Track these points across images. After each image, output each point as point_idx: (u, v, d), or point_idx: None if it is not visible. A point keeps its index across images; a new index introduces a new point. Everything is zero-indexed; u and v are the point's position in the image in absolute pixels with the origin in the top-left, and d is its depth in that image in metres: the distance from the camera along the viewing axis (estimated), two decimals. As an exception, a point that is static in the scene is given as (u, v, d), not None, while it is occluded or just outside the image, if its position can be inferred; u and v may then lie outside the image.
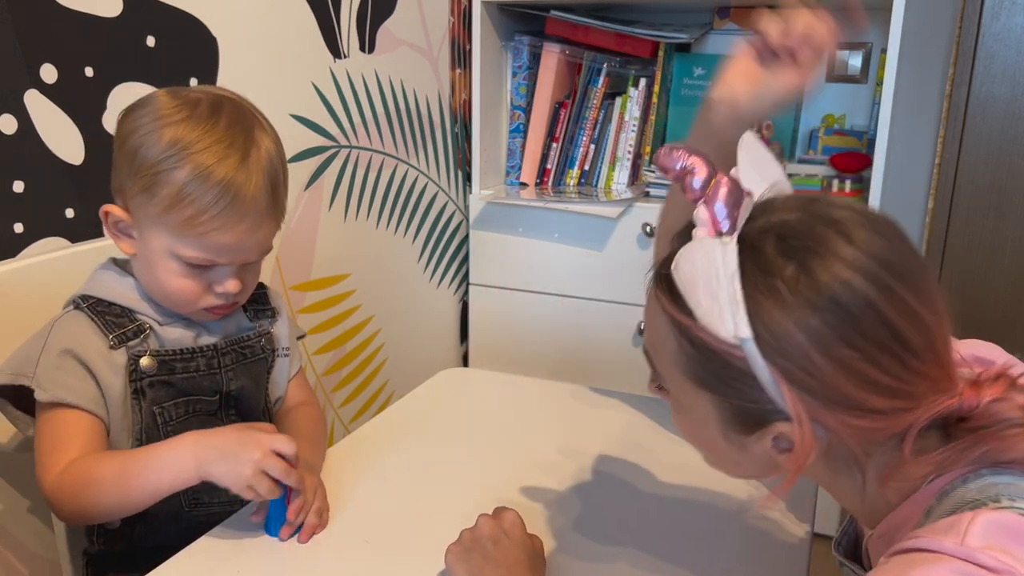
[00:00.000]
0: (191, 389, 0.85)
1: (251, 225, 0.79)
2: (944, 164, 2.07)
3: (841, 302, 0.53)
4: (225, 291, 0.82)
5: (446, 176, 1.92)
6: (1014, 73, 1.99)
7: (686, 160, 0.57)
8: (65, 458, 0.77)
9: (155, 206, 0.77)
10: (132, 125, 0.79)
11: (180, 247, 0.78)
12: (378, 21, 1.62)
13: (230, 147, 0.77)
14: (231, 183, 0.76)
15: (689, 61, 1.95)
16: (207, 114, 0.78)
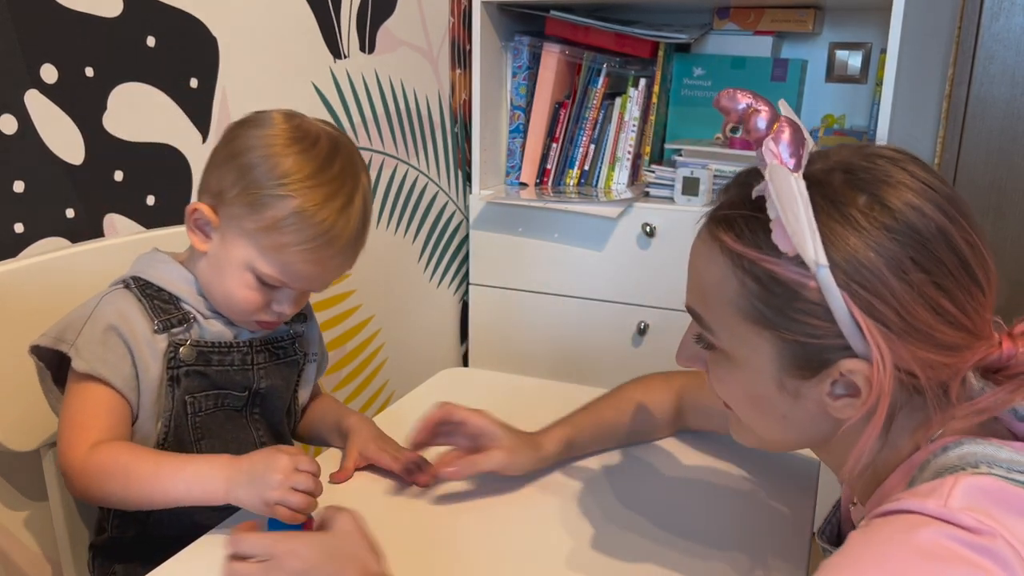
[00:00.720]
0: (223, 383, 0.87)
1: (336, 265, 0.84)
2: (944, 164, 2.07)
3: (915, 227, 0.55)
4: (282, 311, 0.85)
5: (446, 176, 1.93)
6: (1013, 73, 1.99)
7: (752, 101, 0.58)
8: (92, 436, 0.78)
9: (253, 223, 0.80)
10: (248, 142, 0.81)
11: (261, 264, 0.81)
12: (378, 21, 1.62)
13: (338, 191, 0.81)
14: (332, 226, 0.80)
15: (689, 61, 1.95)
16: (326, 153, 0.81)
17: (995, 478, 0.52)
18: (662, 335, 1.82)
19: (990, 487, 0.52)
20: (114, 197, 1.10)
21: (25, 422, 0.91)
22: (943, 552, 0.49)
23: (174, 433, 0.84)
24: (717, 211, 0.62)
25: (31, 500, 1.01)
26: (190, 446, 0.85)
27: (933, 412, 0.57)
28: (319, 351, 1.00)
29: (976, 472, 0.53)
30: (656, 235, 1.77)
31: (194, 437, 0.86)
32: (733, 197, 0.61)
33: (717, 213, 0.62)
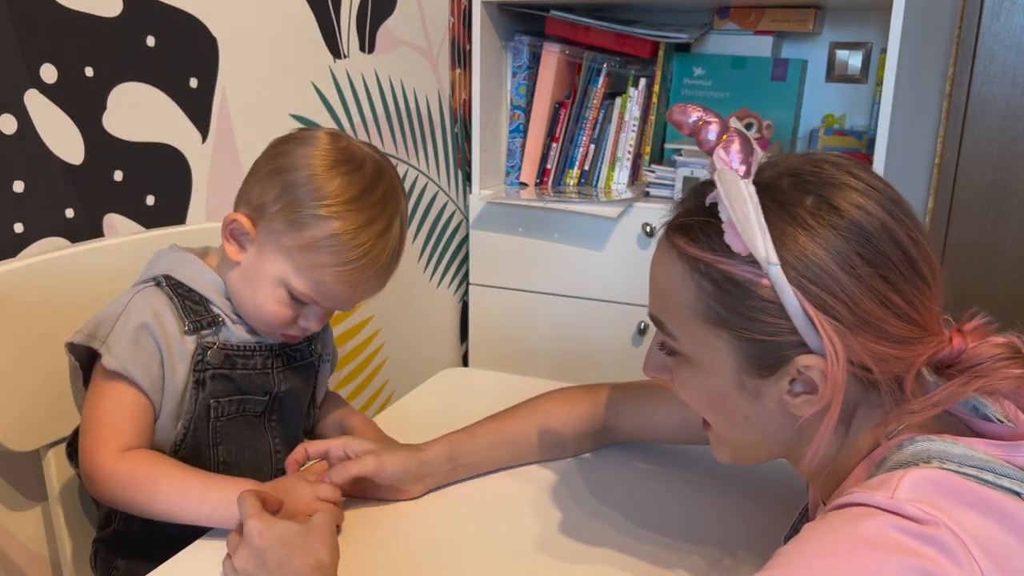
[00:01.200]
0: (247, 387, 0.87)
1: (368, 287, 0.84)
2: (944, 164, 2.07)
3: (860, 225, 0.58)
4: (308, 326, 0.86)
5: (446, 176, 1.93)
6: (1014, 73, 1.99)
7: (701, 114, 0.62)
8: (121, 441, 0.78)
9: (291, 240, 0.81)
10: (294, 160, 0.82)
11: (295, 281, 0.82)
12: (378, 21, 1.62)
13: (379, 216, 0.82)
14: (369, 250, 0.81)
15: (689, 61, 1.95)
16: (371, 177, 0.82)
17: (945, 471, 0.54)
18: (662, 335, 1.81)
19: (938, 479, 0.54)
20: (114, 197, 1.10)
21: (25, 422, 0.91)
22: (886, 541, 0.51)
23: (192, 436, 0.84)
24: (674, 220, 0.66)
25: (31, 500, 1.01)
26: (207, 450, 0.85)
27: (889, 406, 0.59)
28: (331, 350, 1.00)
29: (927, 467, 0.55)
30: (656, 235, 1.77)
31: (212, 441, 0.86)
32: (689, 206, 0.65)
33: (674, 221, 0.66)
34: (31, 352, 0.91)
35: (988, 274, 2.09)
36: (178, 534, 0.79)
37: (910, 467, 0.55)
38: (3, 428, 0.89)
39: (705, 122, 0.62)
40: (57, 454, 0.94)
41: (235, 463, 0.87)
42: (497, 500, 0.87)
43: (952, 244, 2.10)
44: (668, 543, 0.79)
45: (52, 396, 0.90)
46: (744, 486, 0.90)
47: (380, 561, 0.76)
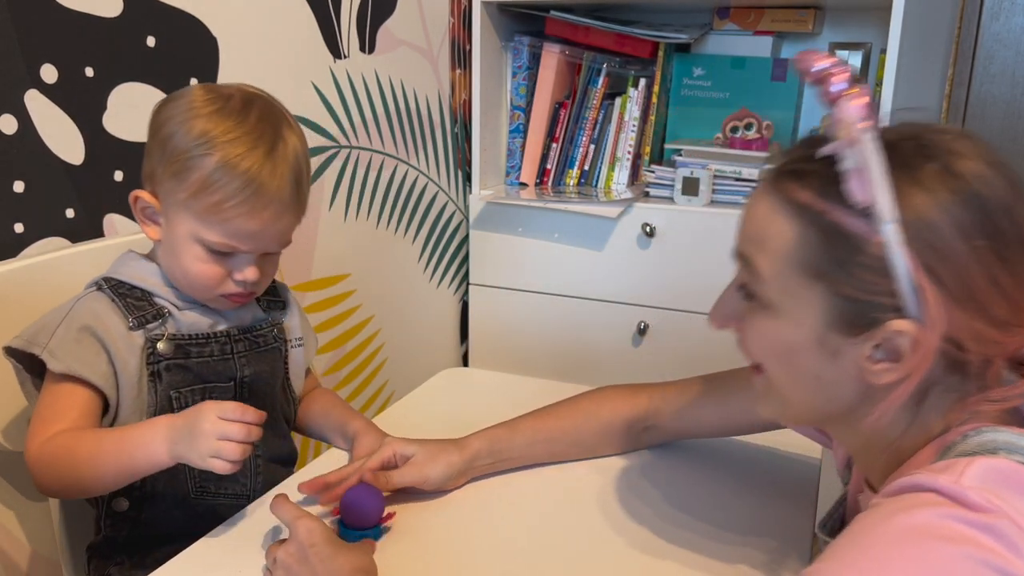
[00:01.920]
0: (207, 375, 0.87)
1: (273, 215, 0.82)
2: (944, 164, 2.07)
3: (982, 195, 0.56)
4: (244, 279, 0.84)
5: (446, 176, 1.93)
6: (1013, 73, 1.99)
7: (828, 64, 0.59)
8: (54, 429, 0.78)
9: (183, 191, 0.80)
10: (166, 115, 0.82)
11: (204, 232, 0.81)
12: (378, 21, 1.62)
13: (259, 139, 0.80)
14: (257, 174, 0.79)
15: (689, 61, 1.95)
16: (239, 108, 0.81)
17: (1012, 462, 0.53)
18: (662, 335, 1.82)
19: (1006, 469, 0.52)
20: (114, 197, 1.10)
21: (25, 422, 0.90)
22: (946, 530, 0.49)
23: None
24: (782, 166, 0.62)
25: (31, 500, 1.01)
26: None
27: (969, 391, 0.58)
28: (305, 335, 0.99)
29: (994, 456, 0.53)
30: (656, 235, 1.77)
31: None
32: (799, 155, 0.62)
33: (783, 167, 0.62)
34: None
35: (988, 274, 2.09)
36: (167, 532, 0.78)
37: (977, 456, 0.53)
38: (3, 428, 0.89)
39: (832, 72, 0.58)
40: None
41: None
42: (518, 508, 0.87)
43: (952, 244, 2.10)
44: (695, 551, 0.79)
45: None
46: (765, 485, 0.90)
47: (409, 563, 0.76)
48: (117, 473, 0.76)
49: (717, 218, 1.73)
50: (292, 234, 0.87)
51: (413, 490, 0.86)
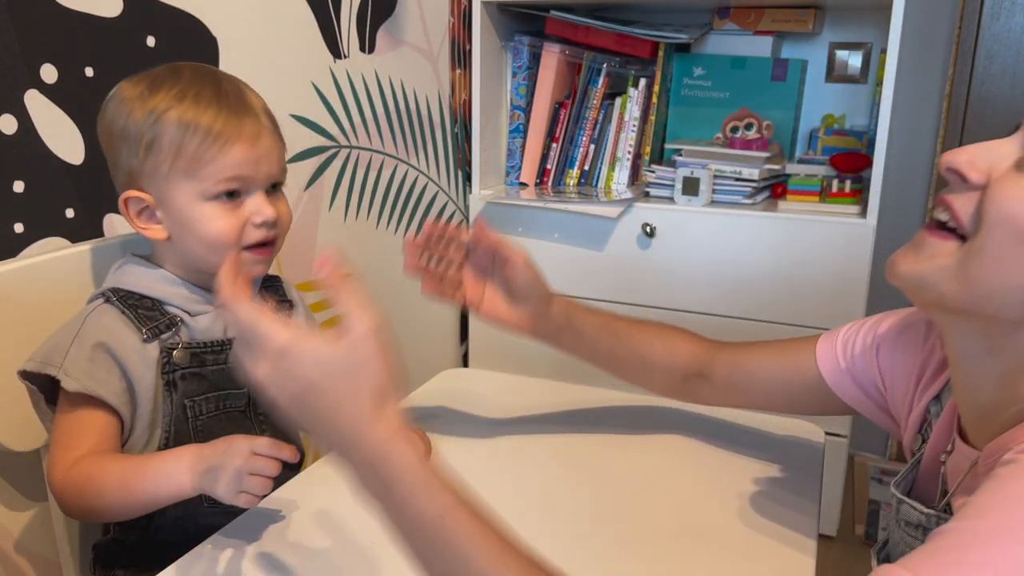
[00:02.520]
0: (222, 383, 0.86)
1: (251, 134, 0.82)
2: (944, 164, 2.07)
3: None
4: (263, 216, 0.83)
5: (446, 176, 1.93)
6: (1013, 73, 1.99)
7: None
8: (75, 455, 0.77)
9: (164, 163, 0.80)
10: (108, 118, 0.83)
11: (202, 184, 0.81)
12: (378, 21, 1.62)
13: (201, 85, 0.82)
14: (218, 105, 0.81)
15: (689, 61, 1.95)
16: (168, 74, 0.83)
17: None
18: (662, 335, 1.82)
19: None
20: (114, 197, 1.09)
21: (25, 422, 0.90)
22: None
23: (175, 439, 0.84)
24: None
25: (31, 500, 1.01)
26: None
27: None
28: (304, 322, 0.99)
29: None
30: (656, 235, 1.77)
31: (195, 441, 0.85)
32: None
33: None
34: (31, 352, 0.91)
35: (988, 274, 2.09)
36: (177, 539, 0.78)
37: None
38: (3, 428, 0.89)
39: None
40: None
41: None
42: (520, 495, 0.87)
43: (952, 244, 2.10)
44: (698, 539, 0.79)
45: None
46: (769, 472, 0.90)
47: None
48: (144, 503, 0.76)
49: (717, 218, 1.73)
50: (283, 160, 0.87)
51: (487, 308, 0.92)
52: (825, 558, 1.85)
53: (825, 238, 1.66)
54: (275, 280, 0.97)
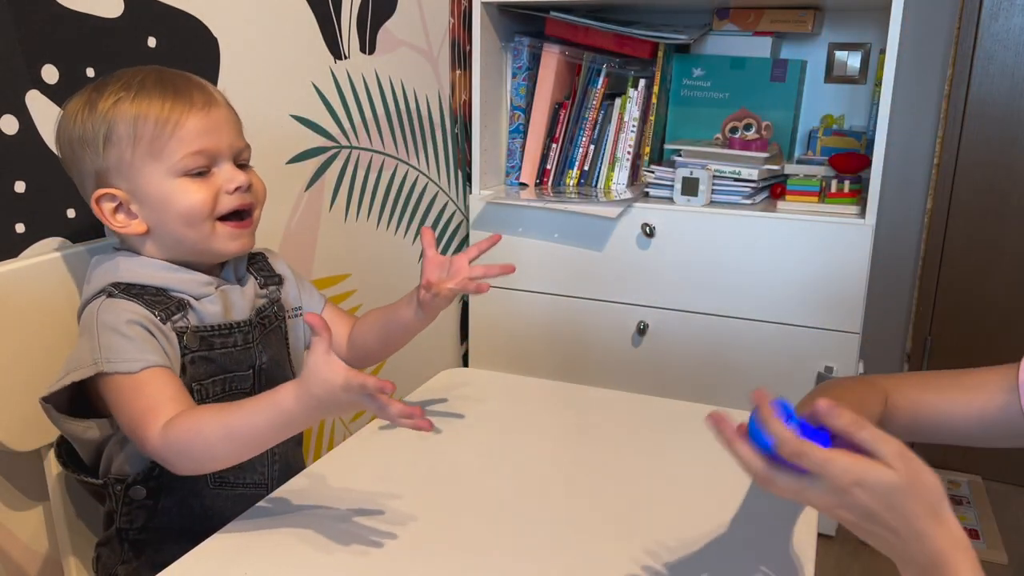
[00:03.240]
0: (229, 365, 0.87)
1: (203, 103, 0.84)
2: (943, 164, 2.08)
3: None
4: (236, 184, 0.85)
5: (446, 176, 1.93)
6: (1012, 74, 1.99)
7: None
8: (164, 411, 0.76)
9: (126, 149, 0.82)
10: (65, 129, 0.85)
11: (170, 161, 0.82)
12: (378, 22, 1.62)
13: (143, 77, 0.84)
14: (164, 85, 0.83)
15: (688, 62, 1.95)
16: (111, 77, 0.85)
17: None
18: (662, 335, 1.82)
19: None
20: (115, 197, 1.10)
21: (26, 422, 0.91)
22: None
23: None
24: None
25: (32, 500, 1.01)
26: None
27: None
28: (304, 299, 0.99)
29: None
30: (656, 235, 1.77)
31: None
32: None
33: None
34: (32, 352, 0.91)
35: (986, 273, 2.10)
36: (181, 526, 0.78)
37: None
38: (4, 428, 0.89)
39: None
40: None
41: None
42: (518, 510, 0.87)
43: (951, 244, 2.11)
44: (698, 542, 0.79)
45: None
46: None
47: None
48: (253, 441, 0.75)
49: (717, 218, 1.73)
50: (241, 133, 0.88)
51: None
52: (825, 558, 1.86)
53: (824, 238, 1.66)
54: (259, 256, 0.97)
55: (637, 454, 0.97)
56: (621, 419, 1.06)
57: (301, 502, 0.83)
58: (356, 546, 0.77)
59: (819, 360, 1.72)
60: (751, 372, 1.76)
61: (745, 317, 1.75)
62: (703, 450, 0.98)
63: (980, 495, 2.07)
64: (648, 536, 0.80)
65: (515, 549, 0.78)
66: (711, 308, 1.76)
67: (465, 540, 0.79)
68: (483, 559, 0.76)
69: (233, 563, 0.74)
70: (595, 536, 0.80)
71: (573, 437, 1.01)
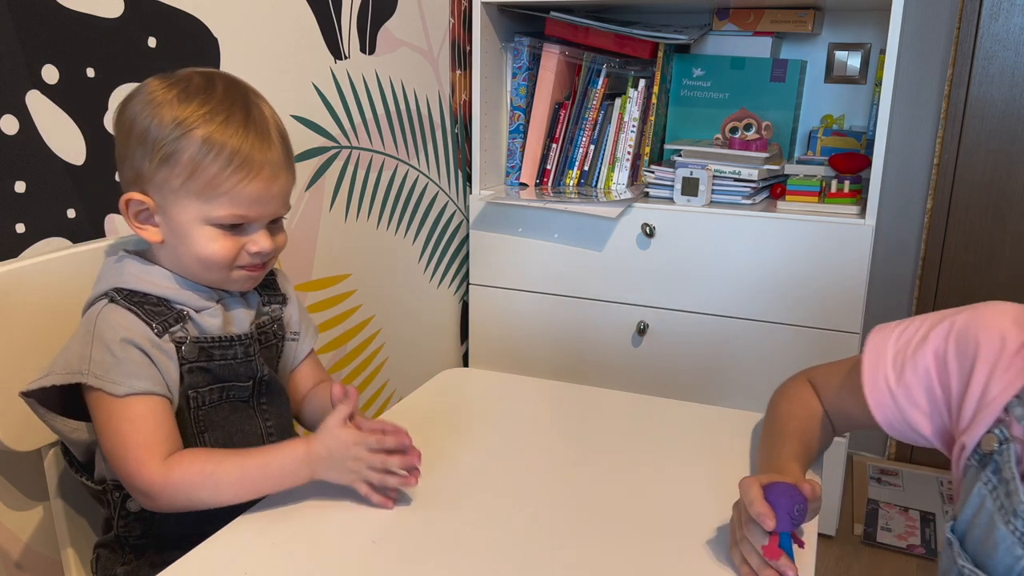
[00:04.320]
0: (227, 375, 0.87)
1: (270, 174, 0.82)
2: (943, 164, 2.08)
3: None
4: (259, 250, 0.84)
5: (446, 176, 1.93)
6: (1012, 74, 1.99)
7: None
8: (159, 451, 0.78)
9: (177, 177, 0.80)
10: (131, 113, 0.82)
11: (210, 210, 0.81)
12: (379, 22, 1.62)
13: (232, 107, 0.81)
14: (243, 138, 0.80)
15: (688, 62, 1.95)
16: (201, 85, 0.82)
17: None
18: (662, 335, 1.82)
19: None
20: (115, 197, 1.09)
21: (26, 422, 0.91)
22: None
23: (178, 426, 0.84)
24: None
25: (32, 500, 1.01)
26: (192, 439, 0.85)
27: None
28: (302, 327, 0.99)
29: None
30: (656, 235, 1.77)
31: (196, 430, 0.86)
32: None
33: None
34: (32, 352, 0.91)
35: (986, 273, 2.10)
36: (181, 533, 0.79)
37: None
38: (4, 428, 0.89)
39: None
40: (58, 454, 0.94)
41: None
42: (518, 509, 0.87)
43: (951, 244, 2.11)
44: (701, 539, 0.79)
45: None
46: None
47: (381, 560, 0.76)
48: (257, 495, 0.81)
49: (716, 218, 1.73)
50: (291, 195, 0.87)
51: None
52: (824, 558, 1.86)
53: (824, 238, 1.66)
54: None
55: (637, 454, 0.97)
56: (621, 419, 1.06)
57: (301, 502, 0.83)
58: (356, 546, 0.77)
59: (819, 360, 1.71)
60: (751, 372, 1.76)
61: (745, 317, 1.75)
62: (703, 450, 0.98)
63: (980, 495, 2.07)
64: (648, 536, 0.80)
65: (515, 549, 0.78)
66: (711, 308, 1.76)
67: (465, 540, 0.79)
68: (483, 559, 0.76)
69: (233, 563, 0.74)
70: (595, 536, 0.80)
71: (573, 437, 1.01)
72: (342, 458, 0.80)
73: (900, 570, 1.80)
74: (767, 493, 0.74)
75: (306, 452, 0.80)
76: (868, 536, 1.90)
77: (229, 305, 0.89)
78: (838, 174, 1.76)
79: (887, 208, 2.09)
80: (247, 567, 0.74)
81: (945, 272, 2.12)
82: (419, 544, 0.78)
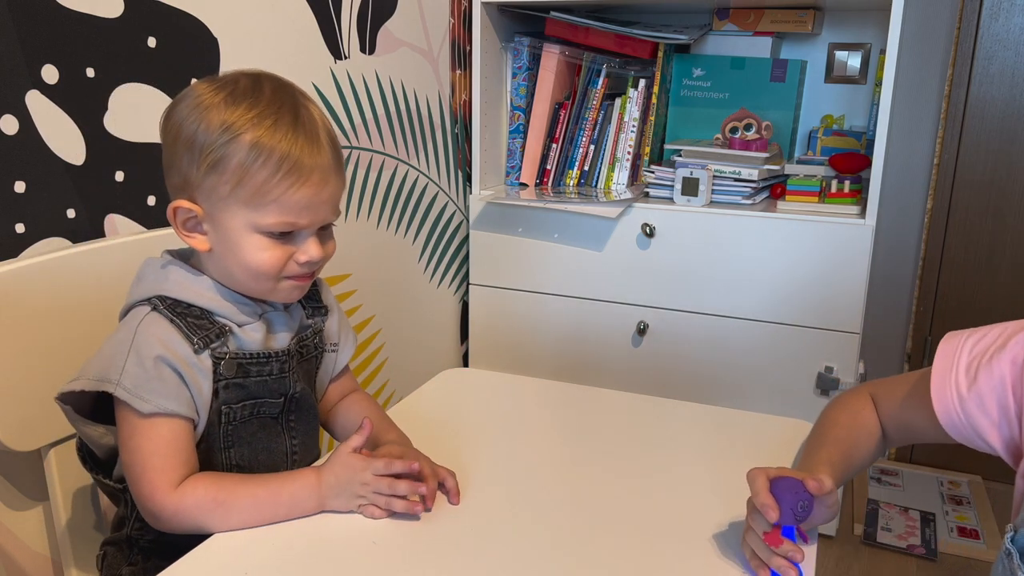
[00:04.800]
0: (260, 392, 0.85)
1: (320, 179, 0.80)
2: (943, 164, 2.08)
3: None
4: (309, 258, 0.82)
5: (446, 176, 1.93)
6: (1012, 74, 1.99)
7: None
8: (174, 475, 0.78)
9: (225, 184, 0.78)
10: (179, 118, 0.80)
11: (259, 217, 0.79)
12: (378, 22, 1.62)
13: (280, 110, 0.79)
14: (293, 142, 0.78)
15: (688, 62, 1.95)
16: (249, 87, 0.80)
17: None
18: (662, 335, 1.82)
19: None
20: (115, 197, 1.10)
21: (26, 422, 0.91)
22: None
23: (204, 440, 0.83)
24: None
25: (32, 500, 1.01)
26: (218, 453, 0.84)
27: None
28: (342, 338, 0.97)
29: None
30: (656, 235, 1.77)
31: (223, 445, 0.84)
32: None
33: None
34: (32, 352, 0.91)
35: (986, 273, 2.10)
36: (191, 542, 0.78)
37: None
38: (4, 428, 0.89)
39: None
40: (58, 454, 0.94)
41: (248, 466, 0.86)
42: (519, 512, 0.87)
43: (951, 244, 2.11)
44: (702, 542, 0.79)
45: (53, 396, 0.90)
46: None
47: (381, 560, 0.76)
48: (266, 523, 0.81)
49: (716, 218, 1.73)
50: (341, 200, 0.85)
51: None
52: (825, 558, 1.86)
53: (824, 238, 1.66)
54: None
55: (637, 454, 0.97)
56: (621, 419, 1.06)
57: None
58: (357, 546, 0.77)
59: (819, 360, 1.72)
60: (751, 372, 1.76)
61: (745, 317, 1.75)
62: (703, 450, 0.98)
63: (980, 495, 2.07)
64: (648, 536, 0.80)
65: (515, 549, 0.78)
66: (711, 308, 1.76)
67: (465, 540, 0.79)
68: (483, 558, 0.76)
69: (233, 563, 0.74)
70: (595, 536, 0.80)
71: (573, 437, 1.01)
72: (349, 482, 0.81)
73: (900, 570, 1.80)
74: (773, 487, 0.74)
75: (317, 479, 0.81)
76: (868, 536, 1.89)
77: (272, 320, 0.87)
78: (838, 174, 1.76)
79: (887, 208, 2.09)
80: (247, 567, 0.74)
81: (945, 272, 2.12)
82: (419, 545, 0.78)
